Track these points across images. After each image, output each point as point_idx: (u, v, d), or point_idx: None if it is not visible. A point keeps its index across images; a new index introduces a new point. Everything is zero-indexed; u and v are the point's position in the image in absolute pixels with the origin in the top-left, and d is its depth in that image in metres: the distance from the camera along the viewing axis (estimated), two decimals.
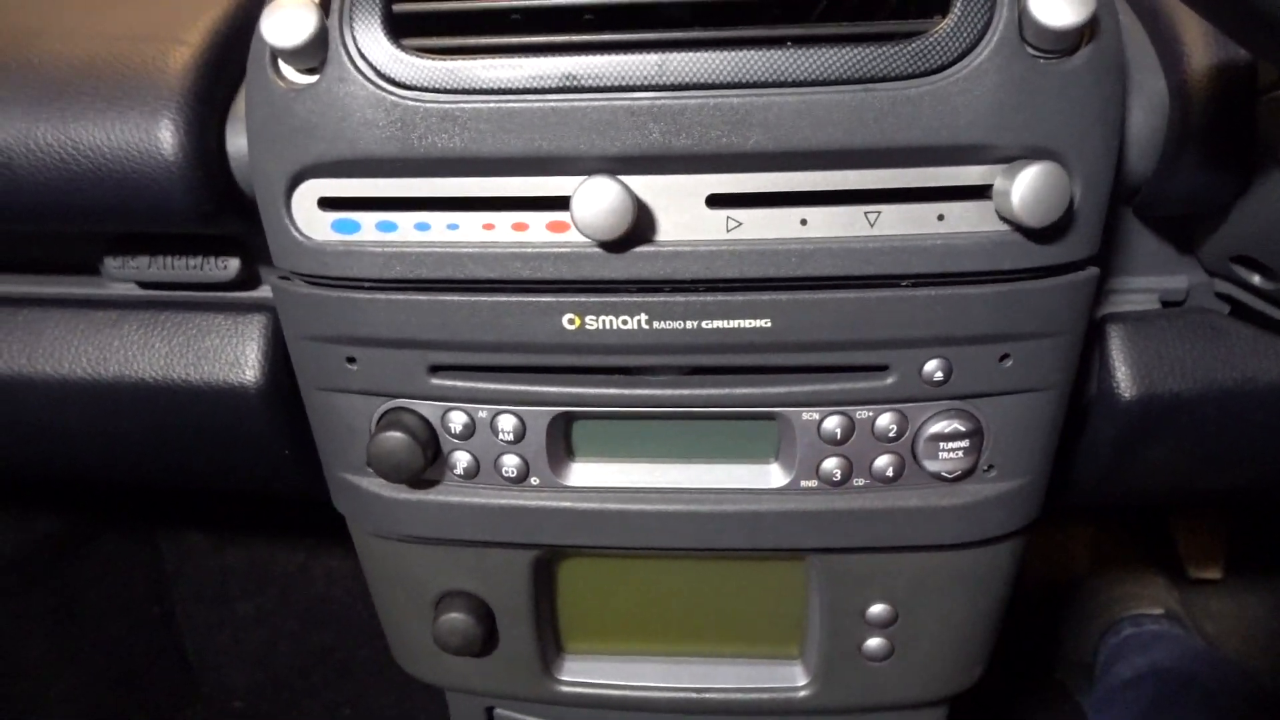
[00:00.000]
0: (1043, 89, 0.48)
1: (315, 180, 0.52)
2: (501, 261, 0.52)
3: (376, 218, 0.53)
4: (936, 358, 0.54)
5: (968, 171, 0.50)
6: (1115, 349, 0.60)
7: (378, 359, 0.56)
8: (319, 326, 0.56)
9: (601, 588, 0.69)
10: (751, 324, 0.53)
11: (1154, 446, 0.63)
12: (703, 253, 0.51)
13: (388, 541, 0.66)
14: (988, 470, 0.59)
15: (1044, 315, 0.53)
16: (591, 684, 0.71)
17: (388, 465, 0.57)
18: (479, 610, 0.67)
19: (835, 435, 0.57)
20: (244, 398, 0.64)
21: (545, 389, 0.57)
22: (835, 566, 0.64)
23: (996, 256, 0.51)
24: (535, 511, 0.60)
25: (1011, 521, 0.61)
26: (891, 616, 0.66)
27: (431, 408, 0.58)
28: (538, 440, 0.58)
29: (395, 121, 0.49)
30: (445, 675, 0.74)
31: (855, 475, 0.58)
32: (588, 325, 0.53)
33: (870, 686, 0.70)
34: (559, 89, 0.49)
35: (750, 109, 0.48)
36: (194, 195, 0.56)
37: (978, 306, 0.52)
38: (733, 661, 0.71)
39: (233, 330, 0.64)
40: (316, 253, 0.53)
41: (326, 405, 0.60)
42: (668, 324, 0.53)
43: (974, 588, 0.65)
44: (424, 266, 0.53)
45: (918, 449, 0.57)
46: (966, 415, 0.56)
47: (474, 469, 0.60)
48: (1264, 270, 0.57)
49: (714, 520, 0.60)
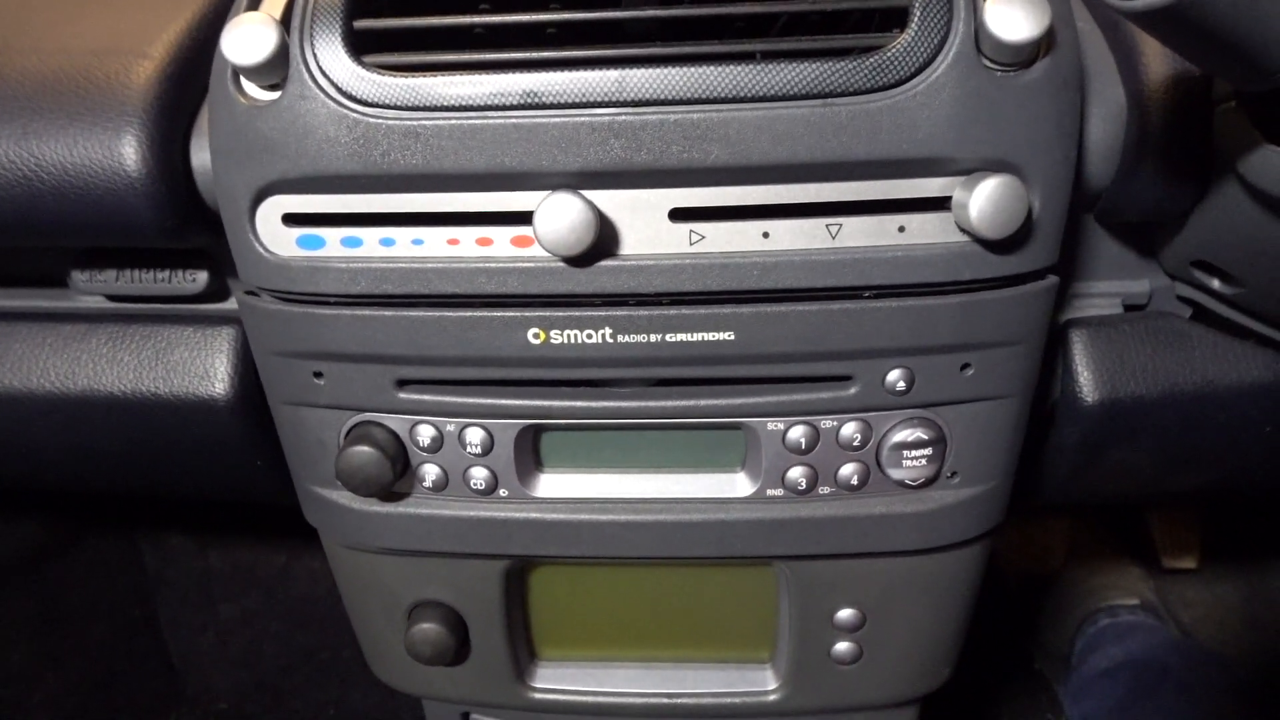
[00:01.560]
0: (1000, 102, 0.48)
1: (279, 196, 0.52)
2: (466, 276, 0.52)
3: (341, 233, 0.53)
4: (899, 367, 0.54)
5: (927, 184, 0.50)
6: (1078, 354, 0.61)
7: (345, 374, 0.56)
8: (285, 342, 0.56)
9: (573, 595, 0.69)
10: (715, 336, 0.53)
11: (1118, 449, 0.63)
12: (666, 266, 0.51)
13: (359, 553, 0.67)
14: (951, 477, 0.59)
15: (1004, 325, 0.54)
16: (564, 690, 0.72)
17: (357, 479, 0.57)
18: (451, 620, 0.67)
19: (800, 445, 0.57)
20: (214, 411, 0.63)
21: (512, 402, 0.57)
22: (803, 573, 0.65)
23: (956, 267, 0.51)
24: (504, 523, 0.61)
25: (976, 526, 0.62)
26: (859, 621, 0.67)
27: (399, 421, 0.58)
28: (506, 452, 0.58)
29: (357, 139, 0.49)
30: (419, 684, 0.74)
31: (820, 484, 0.59)
32: (553, 340, 0.53)
33: (840, 689, 0.70)
34: (520, 105, 0.49)
35: (710, 124, 0.48)
36: (158, 211, 0.55)
37: (939, 317, 0.53)
38: (704, 666, 0.72)
39: (202, 343, 0.63)
40: (281, 268, 0.53)
41: (295, 419, 0.60)
42: (632, 337, 0.53)
43: (941, 591, 0.66)
44: (389, 282, 0.53)
45: (882, 457, 0.57)
46: (929, 423, 0.57)
47: (443, 481, 0.60)
48: (1223, 275, 0.57)
49: (682, 530, 0.60)
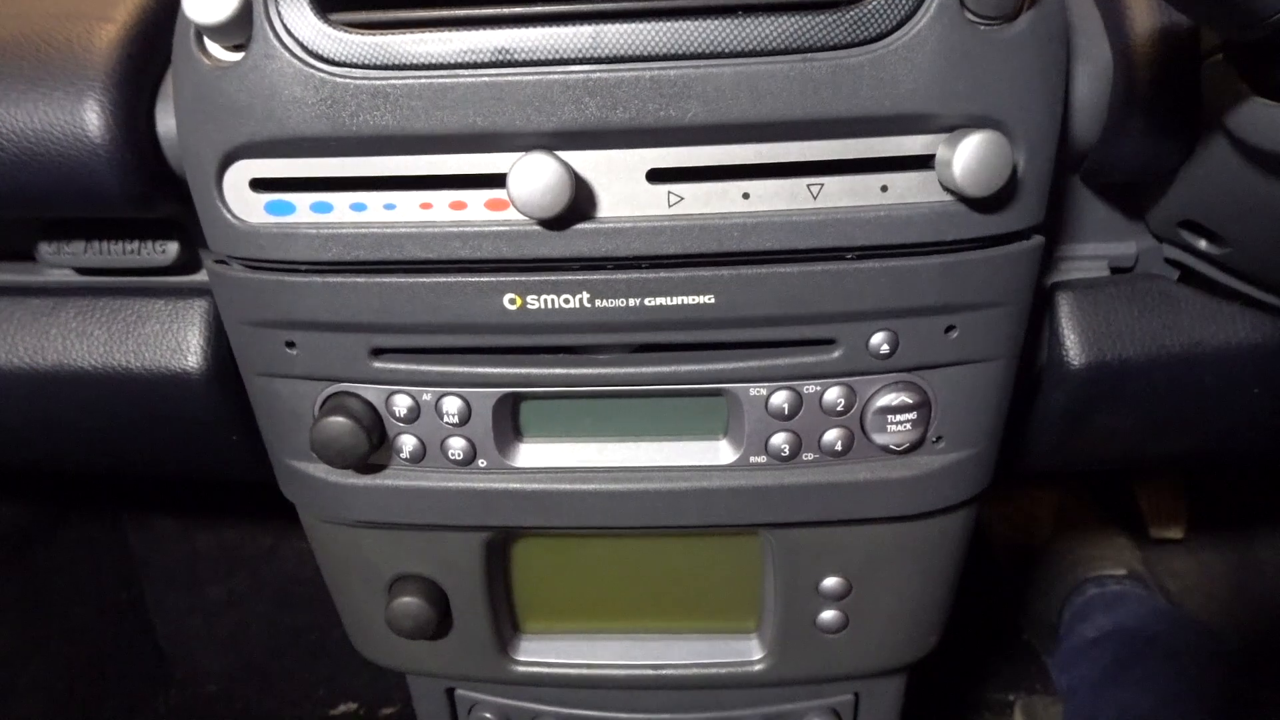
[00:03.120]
0: (983, 56, 0.47)
1: (246, 161, 0.51)
2: (440, 241, 0.51)
3: (311, 199, 0.51)
4: (883, 330, 0.54)
5: (910, 141, 0.49)
6: (1064, 317, 0.60)
7: (318, 343, 0.55)
8: (256, 311, 0.55)
9: (555, 567, 0.69)
10: (695, 300, 0.52)
11: (1105, 413, 0.63)
12: (644, 229, 0.50)
13: (338, 527, 0.66)
14: (936, 442, 0.59)
15: (990, 285, 0.53)
16: (548, 663, 0.71)
17: (332, 451, 0.56)
18: (432, 593, 0.66)
19: (783, 410, 0.56)
20: (187, 384, 0.63)
21: (489, 370, 0.56)
22: (788, 540, 0.64)
23: (940, 227, 0.51)
24: (484, 494, 0.60)
25: (961, 492, 0.61)
26: (845, 589, 0.66)
27: (375, 391, 0.57)
28: (484, 422, 0.58)
29: (325, 99, 0.48)
30: (402, 658, 0.74)
31: (804, 450, 0.58)
32: (529, 305, 0.52)
33: (826, 658, 0.70)
34: (492, 63, 0.47)
35: (688, 81, 0.47)
36: (124, 179, 0.54)
37: (923, 278, 0.52)
38: (689, 637, 0.71)
39: (173, 315, 0.63)
40: (250, 235, 0.52)
41: (268, 391, 0.59)
42: (610, 302, 0.52)
43: (926, 558, 0.66)
44: (361, 248, 0.52)
45: (866, 422, 0.57)
46: (914, 387, 0.56)
47: (420, 452, 0.59)
48: (1210, 235, 0.57)
49: (665, 498, 0.59)
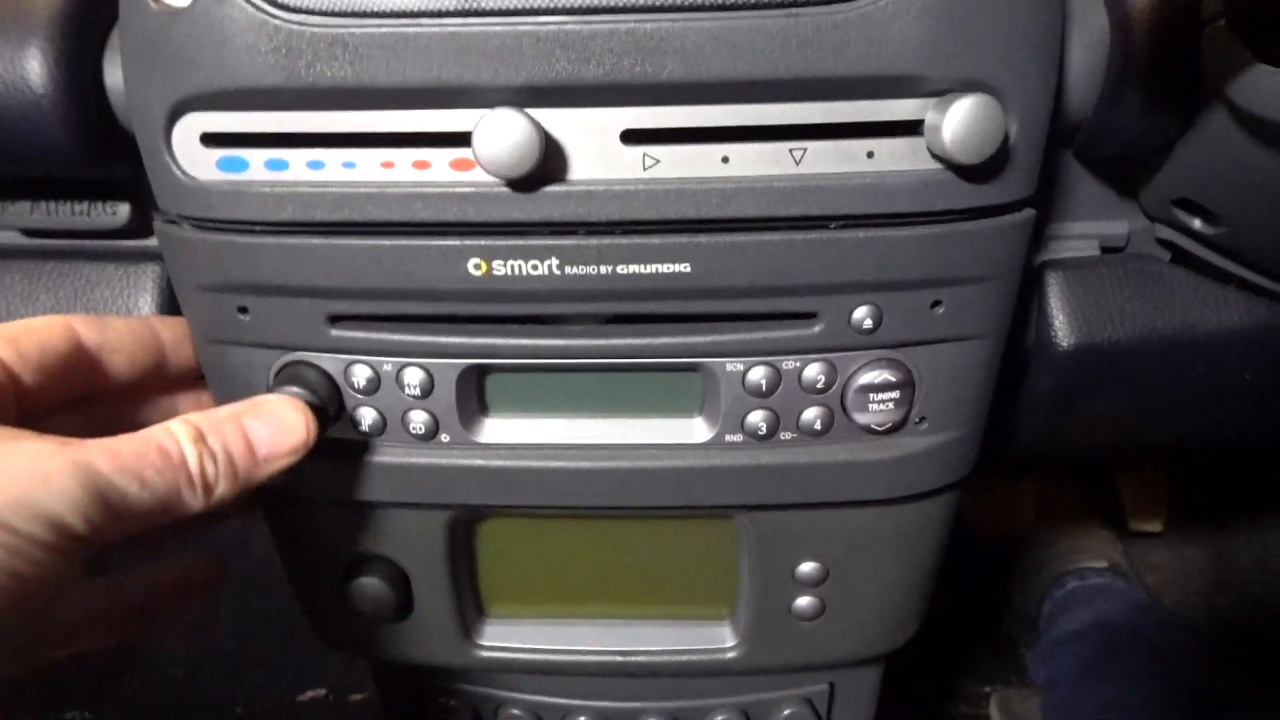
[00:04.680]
0: (977, 16, 0.45)
1: (196, 114, 0.48)
2: (402, 202, 0.49)
3: (265, 155, 0.49)
4: (866, 304, 0.52)
5: (898, 105, 0.47)
6: (1053, 297, 0.59)
7: (272, 309, 0.53)
8: (206, 274, 0.53)
9: (522, 549, 0.67)
10: (670, 268, 0.50)
11: (1093, 398, 0.62)
12: (618, 192, 0.48)
13: (294, 509, 0.64)
14: (919, 422, 0.57)
15: (978, 259, 0.51)
16: (514, 648, 0.69)
17: None
18: (393, 575, 0.65)
19: (761, 387, 0.55)
20: None
21: (453, 340, 0.54)
22: (763, 524, 0.63)
23: (928, 196, 0.49)
24: (446, 470, 0.58)
25: (944, 475, 0.60)
26: (822, 574, 0.65)
27: (332, 361, 0.55)
28: (447, 395, 0.56)
29: (279, 48, 0.45)
30: (362, 644, 0.72)
31: (782, 429, 0.56)
32: (495, 270, 0.50)
33: (801, 646, 0.69)
34: (457, 11, 0.45)
35: (665, 35, 0.45)
36: (69, 133, 0.52)
37: (909, 249, 0.50)
38: (660, 623, 0.70)
39: (125, 281, 0.60)
40: (200, 193, 0.50)
41: (219, 359, 0.57)
42: (581, 269, 0.50)
43: (906, 544, 0.64)
44: (318, 208, 0.49)
45: (847, 400, 0.55)
46: (897, 365, 0.55)
47: (380, 426, 0.57)
48: (1205, 214, 0.55)
49: (636, 477, 0.58)
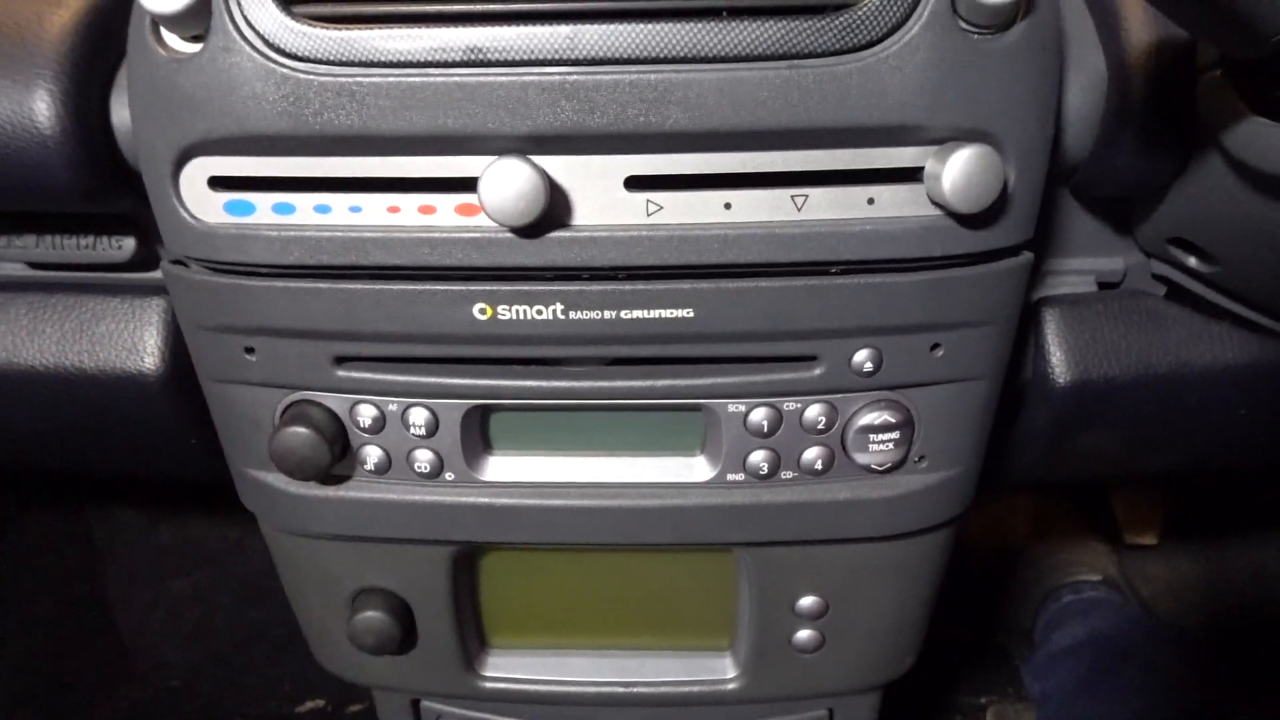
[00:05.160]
0: (976, 66, 0.45)
1: (204, 158, 0.49)
2: (407, 247, 0.49)
3: (273, 199, 0.49)
4: (866, 347, 0.53)
5: (899, 153, 0.48)
6: (1050, 333, 0.59)
7: (278, 349, 0.54)
8: (214, 315, 0.53)
9: (525, 582, 0.67)
10: (673, 314, 0.51)
11: (1089, 432, 0.62)
12: (621, 238, 0.49)
13: (299, 538, 0.64)
14: (919, 461, 0.58)
15: (976, 303, 0.52)
16: (516, 679, 0.70)
17: (292, 462, 0.54)
18: (396, 608, 0.65)
19: (762, 427, 0.55)
20: (143, 386, 0.61)
21: (458, 381, 0.54)
22: (764, 559, 0.63)
23: (927, 242, 0.49)
24: (451, 508, 0.58)
25: (942, 512, 0.60)
26: (822, 608, 0.65)
27: (338, 400, 0.55)
28: (452, 434, 0.56)
29: (287, 96, 0.46)
30: (366, 673, 0.72)
31: (783, 468, 0.57)
32: (500, 315, 0.51)
33: (801, 678, 0.69)
34: (464, 62, 0.45)
35: (669, 86, 0.45)
36: (75, 172, 0.52)
37: (908, 294, 0.51)
38: (661, 654, 0.70)
39: (130, 314, 0.60)
40: (208, 236, 0.50)
41: (225, 397, 0.57)
42: (585, 314, 0.51)
43: (905, 578, 0.65)
44: (324, 252, 0.50)
45: (847, 441, 0.56)
46: (897, 406, 0.55)
47: (385, 464, 0.57)
48: (1199, 253, 0.56)
49: (638, 515, 0.58)
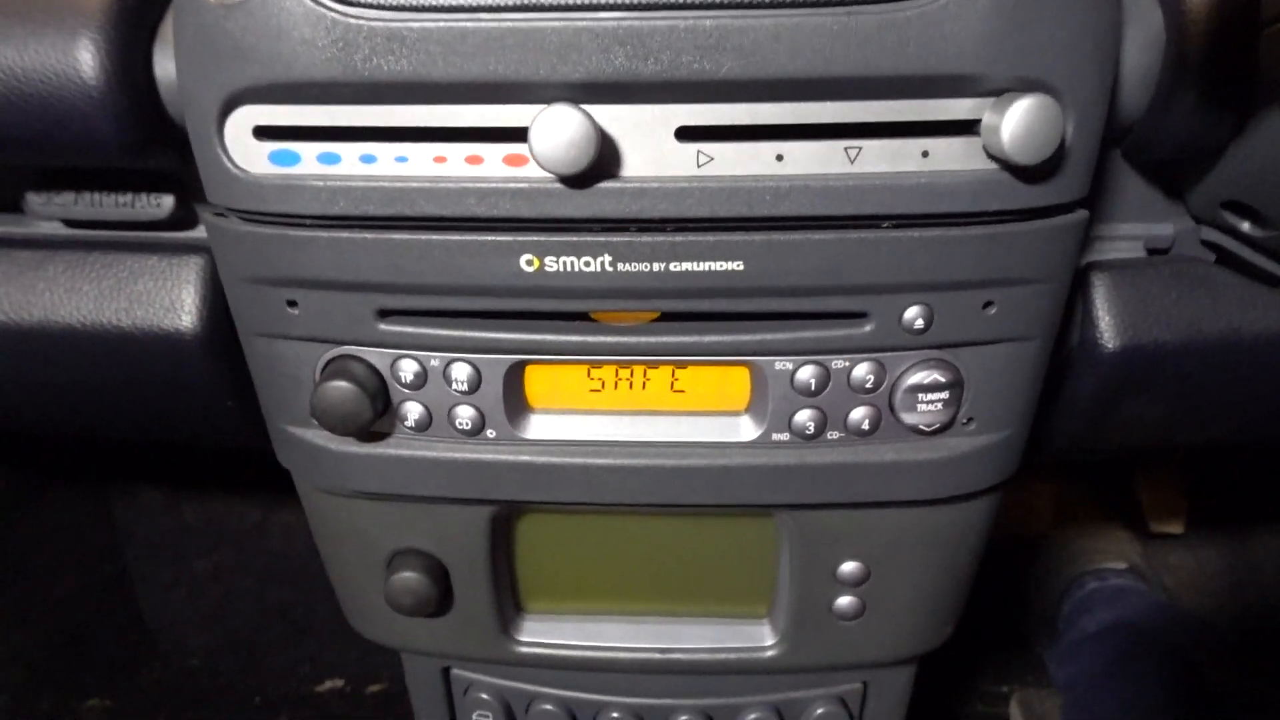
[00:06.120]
0: (1037, 16, 0.45)
1: (250, 107, 0.48)
2: (454, 198, 0.49)
3: (318, 149, 0.49)
4: (917, 304, 0.52)
5: (955, 105, 0.47)
6: (1099, 298, 0.58)
7: (321, 303, 0.53)
8: (256, 267, 0.53)
9: (562, 545, 0.67)
10: (723, 267, 0.50)
11: (1135, 399, 0.61)
12: (671, 190, 0.48)
13: (336, 498, 0.64)
14: (967, 423, 0.57)
15: (1031, 260, 0.51)
16: (551, 644, 0.69)
17: (334, 417, 0.54)
18: (433, 569, 0.64)
19: (809, 386, 0.54)
20: (181, 345, 0.60)
21: (502, 335, 0.54)
22: (806, 523, 0.62)
23: (983, 197, 0.49)
24: (492, 466, 0.58)
25: (990, 476, 0.59)
26: (863, 574, 0.64)
27: (380, 355, 0.55)
28: (494, 390, 0.55)
29: (336, 41, 0.45)
30: (399, 636, 0.72)
31: (829, 428, 0.56)
32: (547, 267, 0.50)
33: (840, 645, 0.68)
34: (516, 7, 0.45)
35: (723, 33, 0.45)
36: (119, 124, 0.51)
37: (962, 250, 0.50)
38: (698, 621, 0.69)
39: (168, 273, 0.60)
40: (252, 186, 0.50)
41: (267, 352, 0.57)
42: (633, 266, 0.50)
43: (949, 544, 0.64)
44: (370, 202, 0.49)
45: (895, 400, 0.55)
46: (947, 365, 0.54)
47: (426, 421, 0.57)
48: (1255, 216, 0.55)
49: (680, 475, 0.57)
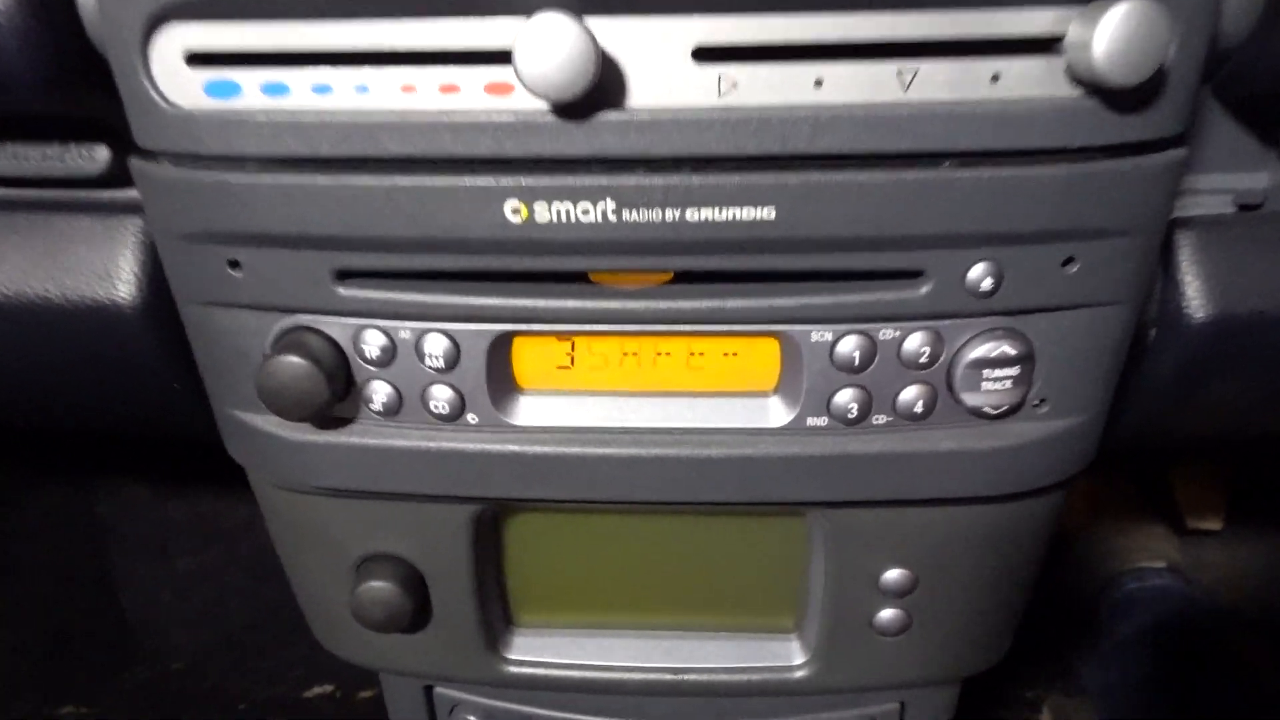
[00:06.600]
0: None
1: (179, 25, 0.42)
2: (425, 134, 0.44)
3: (262, 77, 0.44)
4: (984, 261, 0.46)
5: (1034, 16, 0.41)
6: (1185, 260, 0.53)
7: (269, 263, 0.48)
8: (192, 221, 0.47)
9: (557, 549, 0.62)
10: (750, 214, 0.44)
11: (1226, 378, 0.56)
12: (687, 122, 0.42)
13: (293, 495, 0.58)
14: (1038, 405, 0.51)
15: (1121, 207, 0.45)
16: (546, 664, 0.64)
17: (285, 399, 0.48)
18: (408, 578, 0.59)
19: (852, 360, 0.49)
20: (118, 318, 0.55)
21: (484, 301, 0.48)
22: (844, 524, 0.57)
23: (1065, 129, 0.43)
24: (474, 457, 0.52)
25: (1062, 468, 0.54)
26: (909, 584, 0.59)
27: (340, 326, 0.50)
28: (476, 367, 0.50)
29: None
30: (372, 654, 0.67)
31: (875, 411, 0.51)
32: (538, 216, 0.44)
33: (879, 665, 0.63)
34: None
35: None
36: (35, 55, 0.46)
37: (1039, 194, 0.44)
38: (716, 636, 0.64)
39: (103, 236, 0.55)
40: (185, 123, 0.44)
41: (207, 323, 0.51)
42: (642, 214, 0.44)
43: (1009, 548, 0.59)
44: (324, 141, 0.44)
45: (955, 378, 0.49)
46: (1017, 336, 0.48)
47: (395, 404, 0.51)
48: None
49: (696, 468, 0.52)
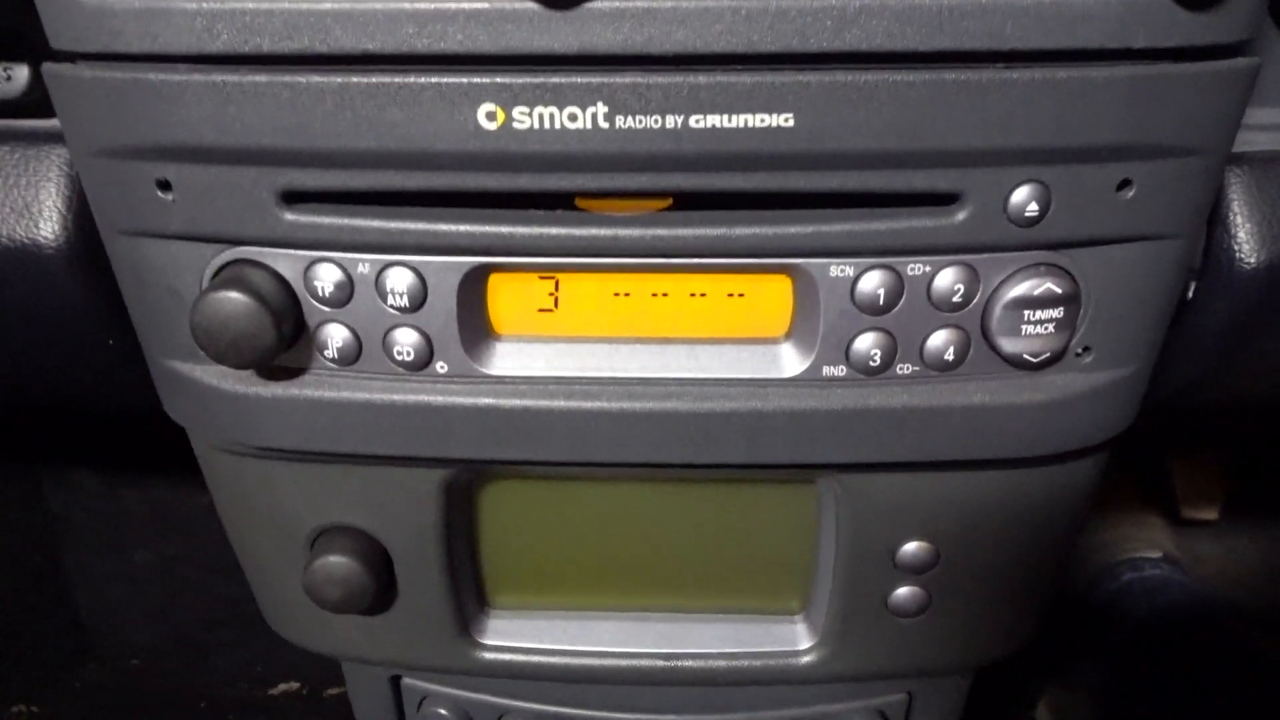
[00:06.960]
0: None
1: None
2: (383, 24, 0.39)
3: None
4: (1029, 182, 0.42)
5: None
6: (1237, 200, 0.50)
7: (203, 182, 0.43)
8: (113, 133, 0.43)
9: (539, 519, 0.59)
10: (763, 122, 0.40)
11: (1277, 332, 0.53)
12: (692, 11, 0.39)
13: (239, 458, 0.54)
14: (1081, 353, 0.48)
15: (1186, 120, 0.41)
16: (524, 649, 0.62)
17: (223, 341, 0.44)
18: (369, 552, 0.56)
19: (876, 300, 0.45)
20: (40, 260, 0.53)
21: (455, 227, 0.45)
22: (860, 490, 0.54)
23: (1129, 26, 0.39)
24: (444, 411, 0.49)
25: (1105, 426, 0.51)
26: (930, 558, 0.56)
27: (288, 259, 0.46)
28: (445, 307, 0.46)
29: None
30: (329, 639, 0.63)
31: (899, 360, 0.47)
32: (517, 123, 0.40)
33: (892, 650, 0.60)
34: None
35: None
36: None
37: (1097, 102, 0.40)
38: (714, 619, 0.62)
39: (22, 167, 0.52)
40: (102, 15, 0.40)
41: (136, 258, 0.47)
42: (638, 121, 0.41)
43: (1041, 519, 0.55)
44: (264, 32, 0.40)
45: (991, 320, 0.46)
46: (1061, 273, 0.44)
47: (354, 350, 0.48)
48: None
49: (697, 424, 0.49)
